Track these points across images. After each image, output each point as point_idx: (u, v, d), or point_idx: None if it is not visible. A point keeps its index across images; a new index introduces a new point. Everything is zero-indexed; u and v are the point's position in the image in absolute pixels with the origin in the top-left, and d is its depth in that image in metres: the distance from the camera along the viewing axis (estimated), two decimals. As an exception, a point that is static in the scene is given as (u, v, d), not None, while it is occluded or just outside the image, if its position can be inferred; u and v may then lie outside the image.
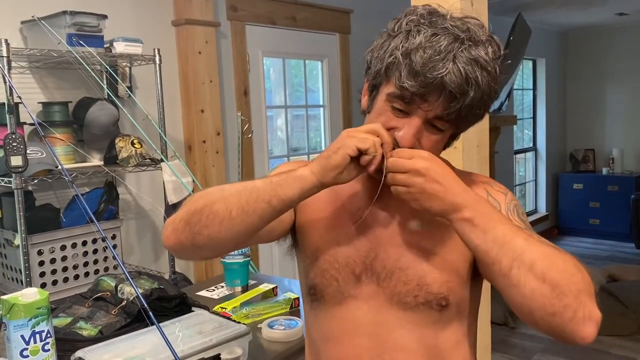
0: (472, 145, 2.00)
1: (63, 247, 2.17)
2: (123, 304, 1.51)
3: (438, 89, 0.87)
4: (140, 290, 1.52)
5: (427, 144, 0.93)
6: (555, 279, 0.79)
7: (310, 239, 1.06)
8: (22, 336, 1.15)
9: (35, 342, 1.16)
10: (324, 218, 1.05)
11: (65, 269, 2.18)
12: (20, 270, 2.05)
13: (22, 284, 2.04)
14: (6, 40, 1.92)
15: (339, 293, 1.01)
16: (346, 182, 0.91)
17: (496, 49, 0.92)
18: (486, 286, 2.15)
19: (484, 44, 0.90)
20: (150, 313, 1.16)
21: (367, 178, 1.02)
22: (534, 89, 6.55)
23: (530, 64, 6.45)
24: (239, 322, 1.44)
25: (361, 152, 0.88)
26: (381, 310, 1.00)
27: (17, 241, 2.03)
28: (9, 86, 1.89)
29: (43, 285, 2.11)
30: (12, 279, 2.17)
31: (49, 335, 1.18)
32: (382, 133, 0.90)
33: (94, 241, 2.26)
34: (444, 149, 1.02)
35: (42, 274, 2.12)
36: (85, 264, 2.24)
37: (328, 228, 1.04)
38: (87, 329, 1.42)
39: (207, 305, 1.68)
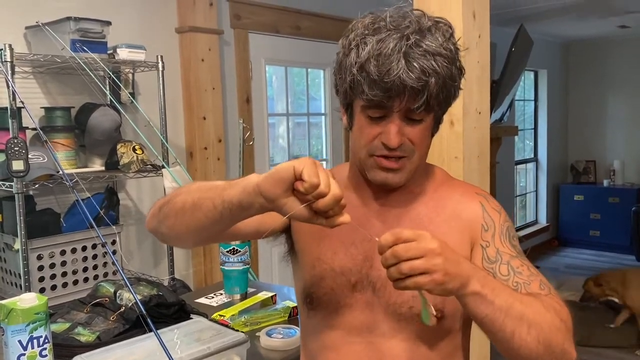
0: (473, 155, 2.01)
1: (63, 252, 2.17)
2: (122, 310, 1.51)
3: (400, 88, 0.88)
4: (139, 297, 1.52)
5: (414, 137, 0.94)
6: (547, 339, 0.84)
7: (307, 248, 1.06)
8: (19, 341, 1.15)
9: (32, 347, 1.16)
10: (320, 228, 1.05)
11: (64, 274, 2.18)
12: (19, 275, 2.05)
13: (21, 288, 2.04)
14: (10, 46, 1.93)
15: (335, 301, 1.02)
16: (286, 216, 0.82)
17: (444, 31, 0.93)
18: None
19: (430, 31, 0.91)
20: (149, 320, 1.16)
21: (362, 187, 1.04)
22: (536, 99, 6.56)
23: (531, 75, 6.47)
24: (237, 330, 1.44)
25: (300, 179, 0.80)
26: (377, 319, 1.01)
27: (17, 245, 2.03)
28: (12, 91, 1.90)
29: (42, 290, 2.11)
30: (11, 283, 2.16)
31: (46, 340, 1.18)
32: (334, 189, 0.81)
33: (94, 246, 2.26)
34: (432, 136, 1.02)
35: (42, 279, 2.11)
36: (85, 270, 2.23)
37: (325, 237, 1.04)
38: (85, 335, 1.42)
39: (205, 312, 1.68)
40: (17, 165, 1.89)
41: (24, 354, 1.15)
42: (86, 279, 2.24)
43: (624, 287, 3.85)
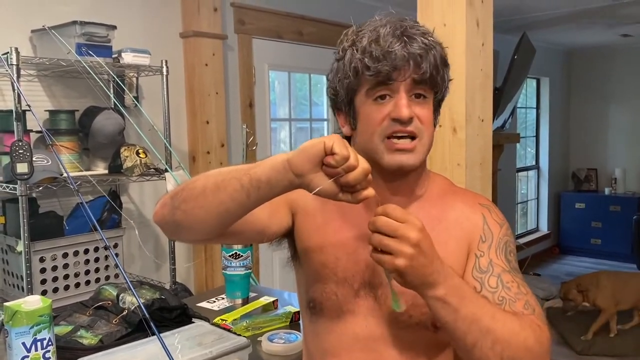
0: (475, 162, 2.01)
1: (65, 255, 2.18)
2: (124, 313, 1.51)
3: (404, 57, 0.92)
4: (142, 300, 1.53)
5: (421, 115, 0.96)
6: (512, 357, 0.85)
7: (311, 253, 1.06)
8: (23, 343, 1.15)
9: (36, 349, 1.16)
10: (325, 233, 1.06)
11: (66, 277, 2.18)
12: (21, 277, 2.06)
13: (23, 290, 2.04)
14: (16, 49, 1.95)
15: (338, 307, 1.02)
16: (314, 192, 0.83)
17: (426, 29, 0.98)
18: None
19: (419, 31, 0.96)
20: (152, 323, 1.16)
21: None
22: (537, 107, 6.57)
23: (534, 82, 6.48)
24: (239, 335, 1.44)
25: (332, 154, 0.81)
26: (379, 326, 1.01)
27: (20, 247, 2.04)
28: (18, 94, 1.91)
29: (44, 293, 2.11)
30: (13, 285, 2.17)
31: (50, 343, 1.19)
32: (363, 162, 0.83)
33: (96, 249, 2.26)
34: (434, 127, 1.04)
35: (44, 281, 2.12)
36: (87, 272, 2.24)
37: (328, 243, 1.05)
38: (87, 338, 1.42)
39: (207, 316, 1.68)
40: (22, 167, 1.90)
41: (27, 356, 1.16)
42: (88, 282, 2.25)
43: (597, 288, 3.85)
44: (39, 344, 1.17)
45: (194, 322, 1.56)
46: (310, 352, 1.11)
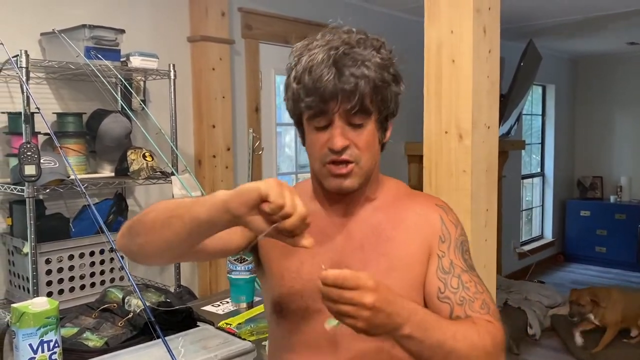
0: (481, 169, 2.01)
1: (71, 257, 2.18)
2: (129, 316, 1.52)
3: (333, 92, 0.96)
4: (148, 303, 1.53)
5: (358, 141, 1.00)
6: None
7: (275, 260, 1.10)
8: (30, 345, 1.16)
9: (43, 351, 1.17)
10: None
11: (72, 279, 2.19)
12: (27, 279, 2.07)
13: (28, 292, 2.05)
14: (26, 52, 1.96)
15: (304, 308, 1.06)
16: (255, 233, 0.86)
17: (372, 43, 1.01)
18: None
19: (358, 44, 1.00)
20: (157, 326, 1.17)
21: (325, 199, 1.09)
22: (543, 114, 6.56)
23: (539, 89, 6.47)
24: (244, 339, 1.45)
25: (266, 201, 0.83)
26: None
27: (26, 249, 2.04)
28: (27, 96, 1.92)
29: (49, 294, 2.12)
30: (19, 286, 2.18)
31: (56, 345, 1.19)
32: (300, 209, 0.85)
33: (102, 252, 2.27)
34: (383, 145, 1.09)
35: (49, 283, 2.13)
36: (92, 275, 2.25)
37: (291, 249, 1.06)
38: (93, 340, 1.43)
39: (212, 320, 1.69)
40: (29, 170, 1.91)
41: (34, 358, 1.16)
42: (93, 284, 2.25)
43: (609, 303, 3.87)
44: (45, 345, 1.17)
45: (199, 326, 1.57)
46: (277, 356, 1.13)
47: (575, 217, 6.59)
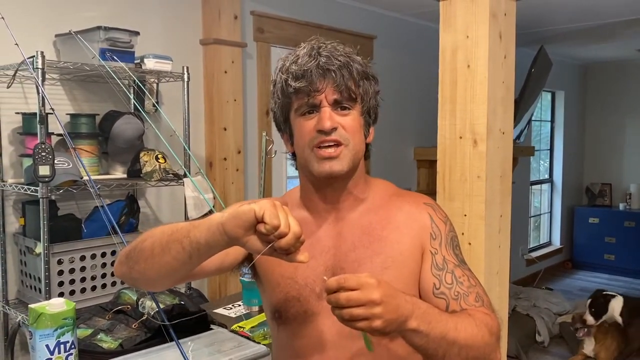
0: (495, 175, 2.01)
1: (82, 258, 2.18)
2: (143, 318, 1.52)
3: (320, 74, 1.02)
4: (162, 306, 1.53)
5: (346, 124, 1.04)
6: (475, 356, 0.97)
7: (270, 268, 1.11)
8: (47, 346, 1.16)
9: (59, 352, 1.17)
10: None
11: (83, 280, 2.19)
12: (39, 279, 2.07)
13: (40, 292, 2.05)
14: (42, 53, 1.97)
15: (303, 312, 1.07)
16: (251, 251, 0.89)
17: (349, 49, 1.08)
18: (503, 320, 2.13)
19: (339, 45, 1.07)
20: (171, 330, 1.17)
21: (314, 203, 1.11)
22: (552, 120, 6.54)
23: (549, 95, 6.45)
24: (258, 343, 1.44)
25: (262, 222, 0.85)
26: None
27: (39, 249, 2.05)
28: (42, 97, 1.93)
29: (61, 295, 2.12)
30: (31, 287, 2.18)
31: (73, 346, 1.19)
32: (294, 227, 0.87)
33: (113, 253, 2.27)
34: (368, 147, 1.12)
35: (61, 284, 2.13)
36: (103, 276, 2.25)
37: None
38: (107, 342, 1.42)
39: (224, 323, 1.68)
40: (44, 170, 1.91)
41: (51, 359, 1.16)
42: (104, 285, 2.25)
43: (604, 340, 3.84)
44: (62, 346, 1.17)
45: (212, 329, 1.56)
46: None
47: (583, 224, 6.55)
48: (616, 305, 3.86)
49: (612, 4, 3.78)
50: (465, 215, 1.97)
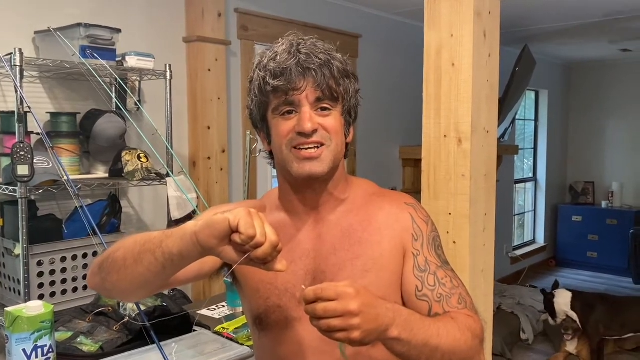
0: (480, 174, 2.01)
1: (63, 259, 2.14)
2: (125, 320, 1.49)
3: (299, 72, 0.98)
4: (143, 307, 1.50)
5: (327, 125, 1.01)
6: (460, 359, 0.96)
7: (250, 274, 1.09)
8: (24, 350, 1.13)
9: (37, 356, 1.14)
10: None
11: (64, 281, 2.15)
12: (18, 281, 2.03)
13: (20, 294, 2.01)
14: (20, 50, 1.92)
15: (284, 318, 1.05)
16: (227, 262, 0.86)
17: (328, 46, 1.04)
18: (488, 319, 2.13)
19: (318, 41, 1.04)
20: (152, 332, 1.15)
21: (293, 205, 1.08)
22: (536, 119, 6.59)
23: (532, 95, 6.50)
24: (242, 344, 1.42)
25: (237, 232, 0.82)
26: None
27: (18, 251, 2.00)
28: (20, 96, 1.89)
29: (41, 297, 2.07)
30: (10, 289, 2.14)
31: (51, 350, 1.16)
32: (271, 236, 0.83)
33: (94, 254, 2.23)
34: (347, 146, 1.09)
35: (41, 285, 2.08)
36: (84, 277, 2.21)
37: None
38: (87, 345, 1.40)
39: (208, 324, 1.66)
40: (22, 170, 1.87)
41: (27, 363, 1.13)
42: (85, 287, 2.21)
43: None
44: (39, 350, 1.15)
45: (195, 331, 1.54)
46: None
47: (567, 222, 6.61)
48: (561, 301, 3.87)
49: (596, 4, 3.81)
50: (450, 213, 1.96)
